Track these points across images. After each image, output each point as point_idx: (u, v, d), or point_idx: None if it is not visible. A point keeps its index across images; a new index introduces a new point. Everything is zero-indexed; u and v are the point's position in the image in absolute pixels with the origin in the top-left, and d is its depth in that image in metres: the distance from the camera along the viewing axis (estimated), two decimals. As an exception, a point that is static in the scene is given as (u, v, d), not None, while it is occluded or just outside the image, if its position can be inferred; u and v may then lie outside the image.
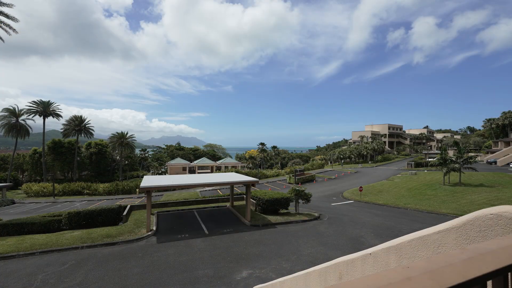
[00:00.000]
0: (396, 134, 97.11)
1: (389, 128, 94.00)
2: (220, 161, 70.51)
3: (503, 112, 69.33)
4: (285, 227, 17.34)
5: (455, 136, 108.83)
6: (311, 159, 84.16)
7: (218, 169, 63.65)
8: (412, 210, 22.27)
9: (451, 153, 47.09)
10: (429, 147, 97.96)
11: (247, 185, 19.00)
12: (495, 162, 52.52)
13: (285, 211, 21.27)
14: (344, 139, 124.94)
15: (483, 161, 58.88)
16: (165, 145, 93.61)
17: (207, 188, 38.80)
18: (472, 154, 51.29)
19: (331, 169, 62.94)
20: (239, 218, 19.58)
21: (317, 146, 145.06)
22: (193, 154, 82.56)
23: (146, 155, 71.96)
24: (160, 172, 64.63)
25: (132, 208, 22.53)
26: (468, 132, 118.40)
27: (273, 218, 18.85)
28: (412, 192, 28.83)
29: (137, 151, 69.18)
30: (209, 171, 62.24)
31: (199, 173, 56.70)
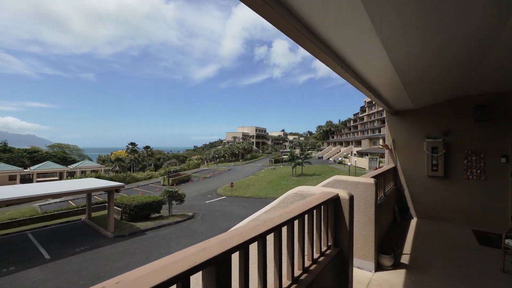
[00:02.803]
0: (261, 136, 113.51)
1: (256, 130, 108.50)
2: (75, 165, 56.30)
3: (327, 121, 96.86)
4: (157, 231, 16.40)
5: (300, 138, 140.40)
6: (187, 159, 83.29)
7: (71, 175, 50.73)
8: (271, 199, 26.91)
9: (297, 151, 60.29)
10: (284, 147, 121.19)
11: (110, 191, 16.44)
12: (322, 157, 72.36)
13: (158, 214, 20.07)
14: (219, 139, 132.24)
15: (315, 157, 79.42)
16: (-27, 146, 63.86)
17: (51, 201, 30.10)
18: (309, 151, 68.42)
19: (207, 168, 64.99)
20: (99, 231, 16.61)
21: (194, 146, 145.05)
22: (29, 157, 61.01)
23: None
24: (-40, 185, 43.40)
25: None
26: (308, 135, 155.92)
27: (142, 224, 17.32)
28: (271, 184, 34.78)
29: None
30: (56, 178, 48.37)
31: (39, 181, 42.96)
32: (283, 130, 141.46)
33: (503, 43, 2.90)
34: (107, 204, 18.19)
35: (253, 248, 1.74)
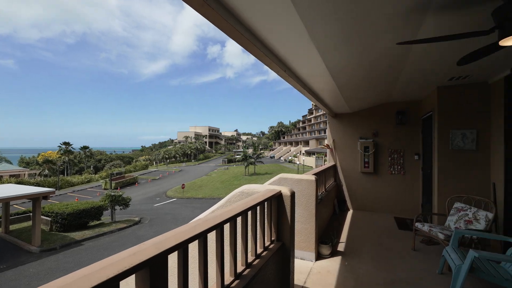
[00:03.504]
0: (214, 135, 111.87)
1: (209, 130, 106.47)
2: (-15, 169, 46.67)
3: (278, 122, 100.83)
4: (96, 241, 14.78)
5: (253, 138, 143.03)
6: (134, 160, 76.97)
7: (-21, 181, 41.88)
8: (224, 199, 26.81)
9: (250, 151, 61.25)
10: (238, 147, 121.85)
11: (35, 198, 14.17)
12: (274, 157, 75.09)
13: (98, 222, 18.09)
14: (170, 139, 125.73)
15: (268, 156, 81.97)
16: None
17: (-50, 214, 24.37)
18: (262, 151, 70.29)
19: (155, 169, 61.14)
20: (21, 246, 14.17)
21: (142, 146, 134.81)
22: None
23: None
24: None
25: None
26: (261, 135, 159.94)
27: (79, 234, 15.41)
28: (224, 184, 34.59)
29: None
30: (-44, 186, 39.28)
31: None
32: (236, 130, 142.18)
33: (411, 61, 3.48)
34: (31, 214, 15.65)
35: (195, 248, 1.74)
